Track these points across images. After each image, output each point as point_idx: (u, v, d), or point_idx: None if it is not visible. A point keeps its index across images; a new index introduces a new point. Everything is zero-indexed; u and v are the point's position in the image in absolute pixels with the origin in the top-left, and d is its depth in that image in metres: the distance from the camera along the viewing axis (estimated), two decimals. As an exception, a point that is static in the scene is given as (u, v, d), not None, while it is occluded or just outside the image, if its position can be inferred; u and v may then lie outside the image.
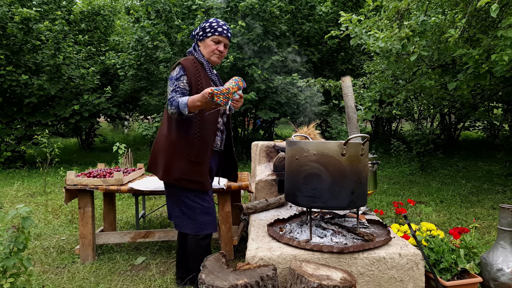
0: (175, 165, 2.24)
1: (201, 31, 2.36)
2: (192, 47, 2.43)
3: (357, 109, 2.99)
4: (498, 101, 8.84)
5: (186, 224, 2.33)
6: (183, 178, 2.24)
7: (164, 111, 2.35)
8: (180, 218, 2.35)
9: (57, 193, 5.70)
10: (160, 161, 2.29)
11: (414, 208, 4.60)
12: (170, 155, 2.25)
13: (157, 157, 2.32)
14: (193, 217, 2.31)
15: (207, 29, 2.34)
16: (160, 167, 2.29)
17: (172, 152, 2.25)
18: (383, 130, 13.23)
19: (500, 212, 2.36)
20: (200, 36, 2.37)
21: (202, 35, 2.36)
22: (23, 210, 2.19)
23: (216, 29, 2.33)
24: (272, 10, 8.00)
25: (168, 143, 2.26)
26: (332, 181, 2.03)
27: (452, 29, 3.69)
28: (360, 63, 9.99)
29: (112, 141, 13.55)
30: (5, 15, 7.44)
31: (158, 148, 2.32)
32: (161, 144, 2.30)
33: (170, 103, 2.19)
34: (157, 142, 2.34)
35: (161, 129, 2.35)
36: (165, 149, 2.27)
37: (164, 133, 2.29)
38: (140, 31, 8.58)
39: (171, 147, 2.25)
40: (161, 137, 2.32)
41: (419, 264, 2.04)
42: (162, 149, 2.28)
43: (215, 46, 2.35)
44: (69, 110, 8.33)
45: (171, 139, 2.26)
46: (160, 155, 2.29)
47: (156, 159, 2.33)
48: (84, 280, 2.74)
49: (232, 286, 1.72)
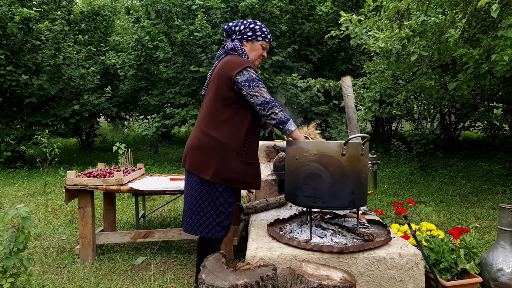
0: (227, 165, 2.22)
1: (251, 32, 2.31)
2: (236, 45, 2.32)
3: (357, 109, 2.99)
4: (498, 101, 8.84)
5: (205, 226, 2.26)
6: (232, 178, 2.24)
7: (217, 113, 2.25)
8: (201, 221, 2.26)
9: (57, 193, 5.70)
10: (210, 161, 2.22)
11: (414, 208, 4.60)
12: (223, 156, 2.22)
13: (205, 157, 2.24)
14: (216, 220, 2.25)
15: (257, 32, 2.31)
16: (210, 167, 2.22)
17: (225, 153, 2.22)
18: (383, 130, 13.23)
19: (500, 212, 2.36)
20: (248, 37, 2.32)
21: (252, 36, 2.31)
22: (23, 210, 2.19)
23: (267, 35, 2.34)
24: (272, 10, 8.00)
25: (222, 144, 2.22)
26: (332, 181, 2.03)
27: (452, 29, 3.69)
28: (360, 63, 9.99)
29: (112, 141, 13.56)
30: (5, 15, 7.44)
31: (208, 148, 2.24)
32: (213, 145, 2.24)
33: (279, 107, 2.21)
34: (205, 142, 2.25)
35: (208, 130, 2.25)
36: (218, 149, 2.22)
37: (215, 135, 2.23)
38: (140, 31, 8.58)
39: (225, 149, 2.22)
40: (211, 138, 2.24)
41: (419, 264, 2.04)
42: (215, 149, 2.23)
43: (262, 52, 2.35)
44: (69, 110, 8.33)
45: (225, 141, 2.22)
46: (211, 156, 2.22)
47: (203, 159, 2.24)
48: (84, 280, 2.74)
49: (232, 286, 1.72)
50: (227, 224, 2.29)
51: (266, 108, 2.18)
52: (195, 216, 2.26)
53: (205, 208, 2.24)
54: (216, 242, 2.29)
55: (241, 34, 2.32)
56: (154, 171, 7.64)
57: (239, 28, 2.33)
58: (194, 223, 2.26)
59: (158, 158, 9.39)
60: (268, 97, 2.20)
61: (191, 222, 2.26)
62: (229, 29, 2.34)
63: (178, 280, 2.75)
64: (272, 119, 2.20)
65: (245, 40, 2.31)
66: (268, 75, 8.21)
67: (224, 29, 2.38)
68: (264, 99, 2.18)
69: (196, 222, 2.26)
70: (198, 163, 2.25)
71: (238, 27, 2.33)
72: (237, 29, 2.33)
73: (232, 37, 2.35)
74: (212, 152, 2.22)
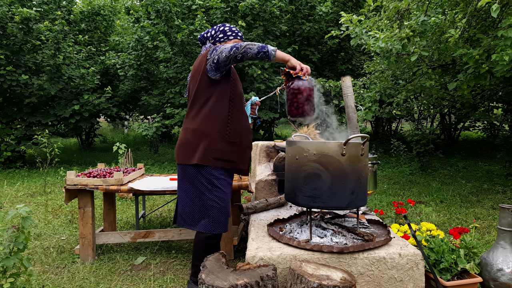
0: (212, 146, 2.28)
1: (222, 34, 2.42)
2: (208, 47, 2.41)
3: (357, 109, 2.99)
4: (498, 101, 8.83)
5: (199, 220, 2.29)
6: (218, 158, 2.28)
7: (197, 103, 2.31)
8: (194, 215, 2.30)
9: (57, 193, 5.70)
10: (196, 147, 2.29)
11: (414, 208, 4.60)
12: (207, 140, 2.27)
13: (191, 146, 2.30)
14: (209, 214, 2.27)
15: (228, 32, 2.42)
16: (196, 152, 2.27)
17: (210, 137, 2.28)
18: (383, 130, 13.22)
19: (500, 212, 2.36)
20: (220, 38, 2.42)
21: (223, 37, 2.42)
22: (23, 210, 2.19)
23: (237, 33, 2.46)
24: (272, 10, 8.00)
25: (204, 131, 2.28)
26: (332, 181, 2.03)
27: (452, 29, 3.69)
28: (360, 63, 9.98)
29: (112, 141, 13.56)
30: (5, 15, 7.44)
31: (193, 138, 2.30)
32: (196, 135, 2.30)
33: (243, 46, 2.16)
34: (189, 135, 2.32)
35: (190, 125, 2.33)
36: (202, 136, 2.28)
37: (196, 126, 2.30)
38: (140, 31, 8.58)
39: (208, 133, 2.28)
40: (193, 131, 2.31)
41: (419, 264, 2.04)
42: (199, 137, 2.29)
43: None
44: (69, 110, 8.33)
45: (207, 126, 2.29)
46: (196, 143, 2.29)
47: (190, 148, 2.30)
48: (84, 280, 2.74)
49: (232, 286, 1.72)
50: (220, 218, 2.28)
51: (239, 48, 2.16)
52: (185, 209, 2.32)
53: (196, 201, 2.29)
54: (209, 238, 2.30)
55: (214, 38, 2.44)
56: (154, 171, 7.64)
57: (210, 33, 2.46)
58: (187, 218, 2.31)
59: (158, 158, 9.40)
60: (232, 44, 2.25)
61: (185, 215, 2.32)
62: (202, 37, 2.49)
63: (178, 280, 2.75)
64: (251, 49, 2.16)
65: (218, 42, 2.43)
66: (268, 75, 8.21)
67: (198, 39, 2.50)
68: (231, 45, 2.19)
69: (186, 215, 2.31)
70: (186, 153, 2.32)
71: (209, 33, 2.47)
72: (209, 35, 2.46)
73: (205, 43, 2.47)
74: (197, 141, 2.29)
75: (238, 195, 3.57)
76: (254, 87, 7.99)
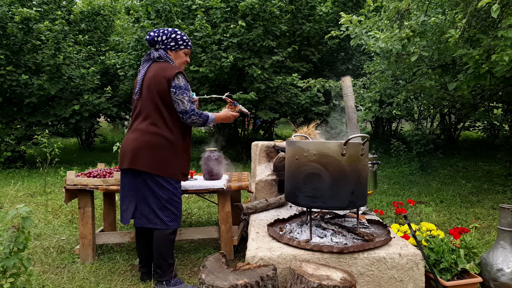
0: (178, 163, 2.50)
1: (173, 42, 2.52)
2: (162, 54, 2.51)
3: (357, 109, 3.00)
4: (498, 101, 8.82)
5: (157, 218, 2.47)
6: (180, 173, 2.53)
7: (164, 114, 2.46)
8: (152, 214, 2.47)
9: (57, 193, 5.70)
10: (166, 159, 2.45)
11: (414, 208, 4.60)
12: (175, 154, 2.49)
13: (161, 156, 2.45)
14: (169, 211, 2.48)
15: (179, 41, 2.54)
16: (157, 163, 2.43)
17: (177, 152, 2.49)
18: (383, 130, 13.21)
19: (500, 212, 2.36)
20: (172, 47, 2.53)
21: (175, 45, 2.53)
22: (23, 210, 2.19)
23: (188, 43, 2.58)
24: (272, 10, 8.00)
25: (170, 142, 2.46)
26: (332, 181, 2.03)
27: (452, 29, 3.70)
28: (360, 63, 9.97)
29: (112, 141, 13.55)
30: (5, 15, 7.44)
31: (163, 147, 2.45)
32: (167, 145, 2.46)
33: (197, 114, 2.47)
34: (159, 142, 2.45)
35: (160, 130, 2.45)
36: (166, 147, 2.46)
37: (164, 133, 2.45)
38: (140, 31, 8.57)
39: (173, 146, 2.48)
40: (164, 138, 2.45)
41: (419, 264, 2.04)
42: (169, 148, 2.46)
43: (186, 58, 2.62)
44: (69, 110, 8.32)
45: (173, 139, 2.47)
46: (166, 155, 2.46)
47: (160, 158, 2.45)
48: (84, 280, 2.74)
49: (232, 286, 1.72)
50: (178, 214, 2.53)
51: (184, 117, 2.45)
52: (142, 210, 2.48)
53: (154, 201, 2.47)
54: (172, 233, 2.50)
55: (165, 44, 2.53)
56: (154, 171, 7.62)
57: (161, 38, 2.52)
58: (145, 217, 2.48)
59: (158, 158, 9.38)
60: (187, 107, 2.44)
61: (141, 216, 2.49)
62: (152, 39, 2.53)
63: (178, 280, 2.75)
64: (194, 123, 2.50)
65: (169, 49, 2.54)
66: (268, 75, 8.20)
67: (146, 39, 2.56)
68: (184, 108, 2.43)
69: (148, 216, 2.47)
70: (155, 162, 2.43)
71: (160, 37, 2.52)
72: (160, 39, 2.52)
73: (155, 46, 2.53)
74: (167, 152, 2.45)
75: (238, 195, 3.57)
76: (254, 87, 7.99)
